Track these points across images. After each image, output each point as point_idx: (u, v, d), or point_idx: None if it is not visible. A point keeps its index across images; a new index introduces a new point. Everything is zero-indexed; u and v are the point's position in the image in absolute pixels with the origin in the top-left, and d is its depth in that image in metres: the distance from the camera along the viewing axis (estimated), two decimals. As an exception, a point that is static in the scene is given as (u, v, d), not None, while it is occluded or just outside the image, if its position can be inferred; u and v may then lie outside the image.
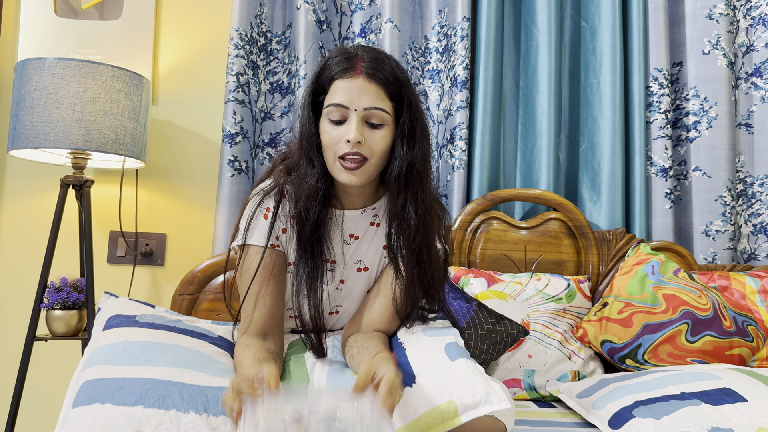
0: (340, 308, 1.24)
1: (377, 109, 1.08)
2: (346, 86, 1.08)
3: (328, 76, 1.10)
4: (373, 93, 1.08)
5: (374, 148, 1.09)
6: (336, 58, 1.11)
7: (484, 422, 0.94)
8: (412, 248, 1.14)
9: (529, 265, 1.86)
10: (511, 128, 2.06)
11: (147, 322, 1.16)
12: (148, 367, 0.98)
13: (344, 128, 1.08)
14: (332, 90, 1.09)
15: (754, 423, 1.07)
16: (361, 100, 1.07)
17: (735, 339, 1.60)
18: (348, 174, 1.09)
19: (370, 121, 1.09)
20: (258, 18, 1.94)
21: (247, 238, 1.14)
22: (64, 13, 1.96)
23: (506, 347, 1.57)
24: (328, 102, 1.09)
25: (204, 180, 2.00)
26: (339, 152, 1.09)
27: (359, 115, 1.08)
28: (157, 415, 0.88)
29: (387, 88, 1.09)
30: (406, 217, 1.13)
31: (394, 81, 1.10)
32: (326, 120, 1.10)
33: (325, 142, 1.10)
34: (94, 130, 1.61)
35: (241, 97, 1.88)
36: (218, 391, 0.95)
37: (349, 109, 1.08)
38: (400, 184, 1.13)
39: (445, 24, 2.00)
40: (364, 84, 1.08)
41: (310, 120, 1.12)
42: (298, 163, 1.15)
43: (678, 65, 2.07)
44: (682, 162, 2.04)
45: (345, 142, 1.07)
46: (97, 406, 0.89)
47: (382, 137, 1.10)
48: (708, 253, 1.97)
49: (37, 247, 1.91)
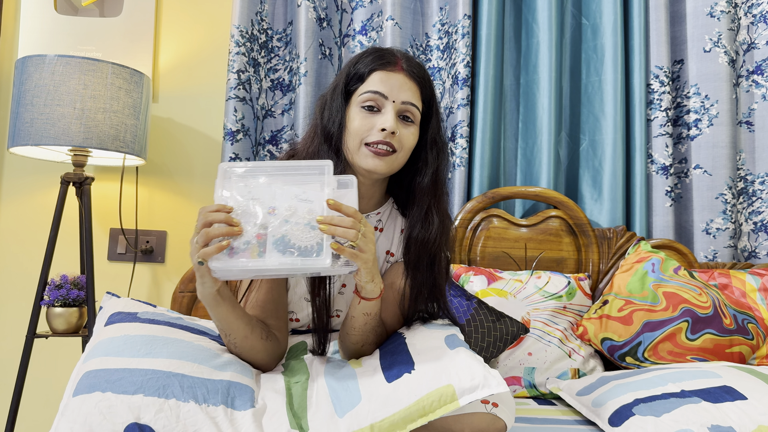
0: (340, 312, 1.24)
1: (413, 105, 1.12)
2: (387, 78, 1.11)
3: (366, 66, 1.13)
4: (411, 90, 1.12)
5: (404, 143, 1.12)
6: (374, 53, 1.14)
7: (485, 420, 0.94)
8: (430, 252, 1.16)
9: (530, 262, 1.86)
10: (512, 126, 2.05)
11: (148, 318, 1.17)
12: (149, 358, 0.98)
13: (379, 117, 1.10)
14: (371, 79, 1.12)
15: (754, 421, 1.07)
16: (400, 94, 1.11)
17: (735, 337, 1.60)
18: (375, 160, 1.10)
19: (404, 115, 1.12)
20: (258, 15, 1.94)
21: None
22: (64, 10, 1.95)
23: (506, 345, 1.57)
24: (365, 89, 1.11)
25: (205, 177, 2.00)
26: (368, 139, 1.10)
27: (396, 108, 1.11)
28: (157, 404, 0.89)
29: (422, 89, 1.15)
30: (429, 222, 1.16)
31: (429, 85, 1.16)
32: (358, 107, 1.11)
33: (354, 128, 1.11)
34: (95, 127, 1.61)
35: (242, 95, 1.88)
36: (218, 384, 0.96)
37: (387, 99, 1.10)
38: (428, 190, 1.16)
39: (446, 21, 2.00)
40: (404, 80, 1.12)
41: (341, 107, 1.13)
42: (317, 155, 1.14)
43: (679, 63, 2.06)
44: (683, 160, 2.04)
45: (379, 130, 1.09)
46: (97, 394, 0.89)
47: (411, 134, 1.13)
48: (708, 251, 1.97)
49: (37, 245, 1.91)
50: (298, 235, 0.88)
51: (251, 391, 0.98)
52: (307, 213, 0.90)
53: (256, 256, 0.87)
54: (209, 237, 0.89)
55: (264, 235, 0.88)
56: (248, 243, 0.88)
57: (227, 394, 0.94)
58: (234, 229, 0.89)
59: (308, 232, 0.88)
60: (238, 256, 0.87)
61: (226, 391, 0.95)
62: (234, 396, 0.95)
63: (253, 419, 0.91)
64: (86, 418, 0.86)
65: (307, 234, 0.88)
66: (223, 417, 0.90)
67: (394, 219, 1.25)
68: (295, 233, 0.88)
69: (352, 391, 0.94)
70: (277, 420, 0.92)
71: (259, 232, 0.88)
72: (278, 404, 0.95)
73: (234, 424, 0.90)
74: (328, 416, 0.91)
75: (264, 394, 0.98)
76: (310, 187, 0.93)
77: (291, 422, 0.91)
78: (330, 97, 1.16)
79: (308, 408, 0.95)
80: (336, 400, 0.94)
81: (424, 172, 1.16)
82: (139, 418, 0.86)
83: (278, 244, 0.87)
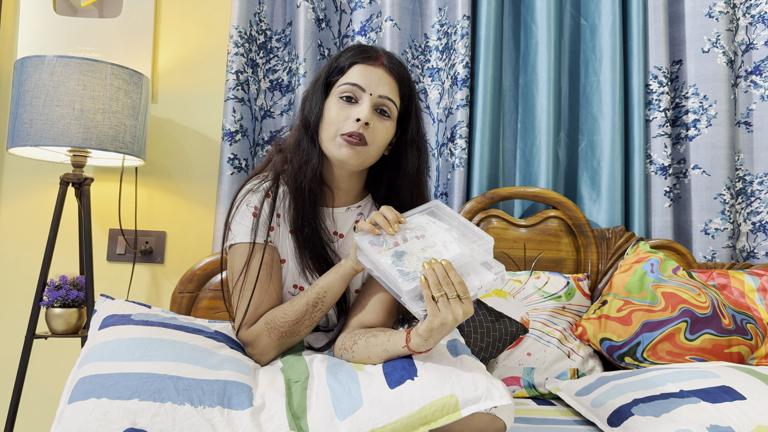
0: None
1: (390, 99, 1.15)
2: (366, 71, 1.14)
3: (348, 59, 1.16)
4: (389, 85, 1.15)
5: (376, 137, 1.14)
6: (357, 48, 1.17)
7: (484, 420, 0.94)
8: None
9: (529, 263, 1.87)
10: (511, 126, 2.06)
11: (142, 320, 1.16)
12: (143, 362, 0.98)
13: (355, 108, 1.13)
14: (351, 72, 1.15)
15: (753, 421, 1.07)
16: (378, 87, 1.14)
17: (734, 337, 1.60)
18: (347, 149, 1.12)
19: (380, 108, 1.15)
20: (257, 16, 1.94)
21: (256, 237, 1.16)
22: (63, 10, 1.95)
23: (505, 345, 1.57)
24: (344, 81, 1.15)
25: (204, 178, 2.00)
26: (343, 130, 1.12)
27: (372, 100, 1.13)
28: (153, 408, 0.88)
29: (401, 86, 1.17)
30: None
31: (408, 83, 1.19)
32: (336, 98, 1.15)
33: (330, 118, 1.14)
34: (94, 127, 1.61)
35: (240, 95, 1.88)
36: (214, 384, 0.95)
37: (365, 91, 1.13)
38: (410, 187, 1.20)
39: (445, 22, 2.00)
40: (383, 74, 1.15)
41: (321, 98, 1.17)
42: (297, 147, 1.18)
43: (677, 63, 2.07)
44: (682, 160, 2.04)
45: (354, 120, 1.11)
46: (92, 401, 0.89)
47: (385, 128, 1.16)
48: (707, 251, 1.98)
49: (36, 245, 1.91)
50: (413, 259, 1.01)
51: (248, 389, 0.98)
52: (436, 254, 1.01)
53: (381, 253, 1.02)
54: (374, 220, 1.06)
55: (398, 245, 1.04)
56: (386, 242, 1.04)
57: (223, 394, 0.94)
58: (388, 228, 1.04)
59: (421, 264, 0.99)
60: (375, 246, 1.04)
61: (222, 391, 0.94)
62: (231, 395, 0.94)
63: (251, 419, 0.91)
64: (82, 426, 0.86)
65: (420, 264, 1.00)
66: (220, 418, 0.90)
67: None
68: (413, 255, 1.01)
69: (354, 395, 0.94)
70: (276, 420, 0.91)
71: (397, 241, 1.04)
72: (278, 404, 0.95)
73: (231, 424, 0.89)
74: (328, 418, 0.91)
75: (263, 392, 0.98)
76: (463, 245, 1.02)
77: (290, 423, 0.91)
78: (312, 90, 1.20)
79: (308, 408, 0.95)
80: (337, 402, 0.94)
81: (406, 170, 1.20)
82: (135, 424, 0.86)
83: (396, 255, 1.02)
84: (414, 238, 1.05)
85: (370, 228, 1.04)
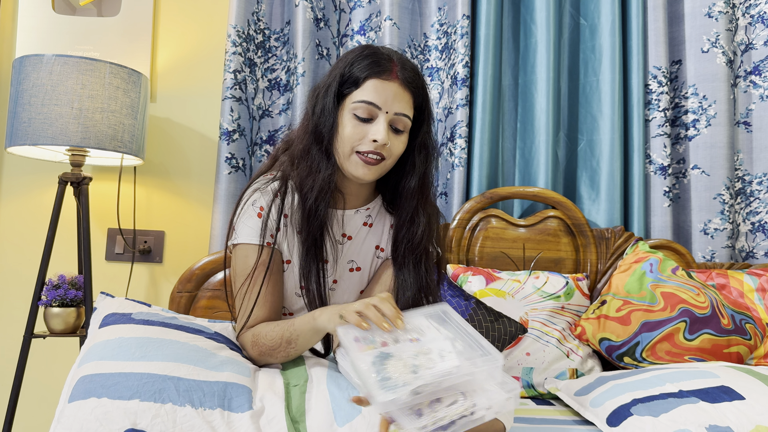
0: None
1: (405, 116, 1.13)
2: (382, 87, 1.11)
3: (362, 71, 1.11)
4: (405, 100, 1.13)
5: (393, 151, 1.14)
6: (371, 58, 1.12)
7: (483, 421, 0.94)
8: (417, 253, 1.19)
9: (528, 262, 1.86)
10: (510, 126, 2.05)
11: (143, 319, 1.16)
12: (144, 362, 0.98)
13: (371, 127, 1.11)
14: (365, 87, 1.11)
15: (752, 421, 1.07)
16: (394, 105, 1.11)
17: (733, 337, 1.60)
18: (365, 168, 1.12)
19: (395, 125, 1.13)
20: (255, 15, 1.94)
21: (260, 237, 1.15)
22: (62, 9, 1.95)
23: (504, 345, 1.57)
24: (359, 98, 1.11)
25: (202, 177, 2.00)
26: (359, 148, 1.11)
27: (388, 119, 1.12)
28: (153, 409, 0.88)
29: (416, 98, 1.15)
30: (416, 223, 1.19)
31: (422, 92, 1.17)
32: (350, 114, 1.12)
33: (346, 135, 1.12)
34: (92, 127, 1.61)
35: (238, 95, 1.87)
36: (215, 386, 0.95)
37: (381, 110, 1.11)
38: (415, 192, 1.19)
39: (445, 22, 2.00)
40: (399, 90, 1.12)
41: (333, 109, 1.13)
42: (306, 154, 1.15)
43: (677, 63, 2.07)
44: (681, 160, 2.04)
45: (371, 141, 1.10)
46: (93, 400, 0.89)
47: (401, 142, 1.15)
48: (706, 251, 1.98)
49: (35, 245, 1.91)
50: (398, 365, 0.84)
51: (248, 391, 0.98)
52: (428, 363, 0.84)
53: (363, 350, 0.87)
54: (364, 313, 0.92)
55: (386, 345, 0.88)
56: (372, 341, 0.89)
57: (224, 396, 0.94)
58: (383, 325, 0.90)
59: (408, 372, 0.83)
60: (359, 342, 0.89)
61: (222, 393, 0.94)
62: (231, 397, 0.94)
63: (251, 422, 0.91)
64: (83, 425, 0.85)
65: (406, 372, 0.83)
66: (220, 421, 0.90)
67: (383, 215, 1.27)
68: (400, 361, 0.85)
69: (354, 401, 0.94)
70: (275, 424, 0.91)
71: (386, 341, 0.90)
72: (277, 408, 0.95)
73: (231, 427, 0.89)
74: (327, 423, 0.91)
75: (262, 395, 0.98)
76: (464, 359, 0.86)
77: (289, 427, 0.91)
78: (323, 94, 1.15)
79: (307, 412, 0.95)
80: (336, 408, 0.94)
81: (411, 175, 1.19)
82: (135, 424, 0.86)
83: (381, 356, 0.86)
84: (407, 341, 0.90)
85: (357, 322, 0.91)
